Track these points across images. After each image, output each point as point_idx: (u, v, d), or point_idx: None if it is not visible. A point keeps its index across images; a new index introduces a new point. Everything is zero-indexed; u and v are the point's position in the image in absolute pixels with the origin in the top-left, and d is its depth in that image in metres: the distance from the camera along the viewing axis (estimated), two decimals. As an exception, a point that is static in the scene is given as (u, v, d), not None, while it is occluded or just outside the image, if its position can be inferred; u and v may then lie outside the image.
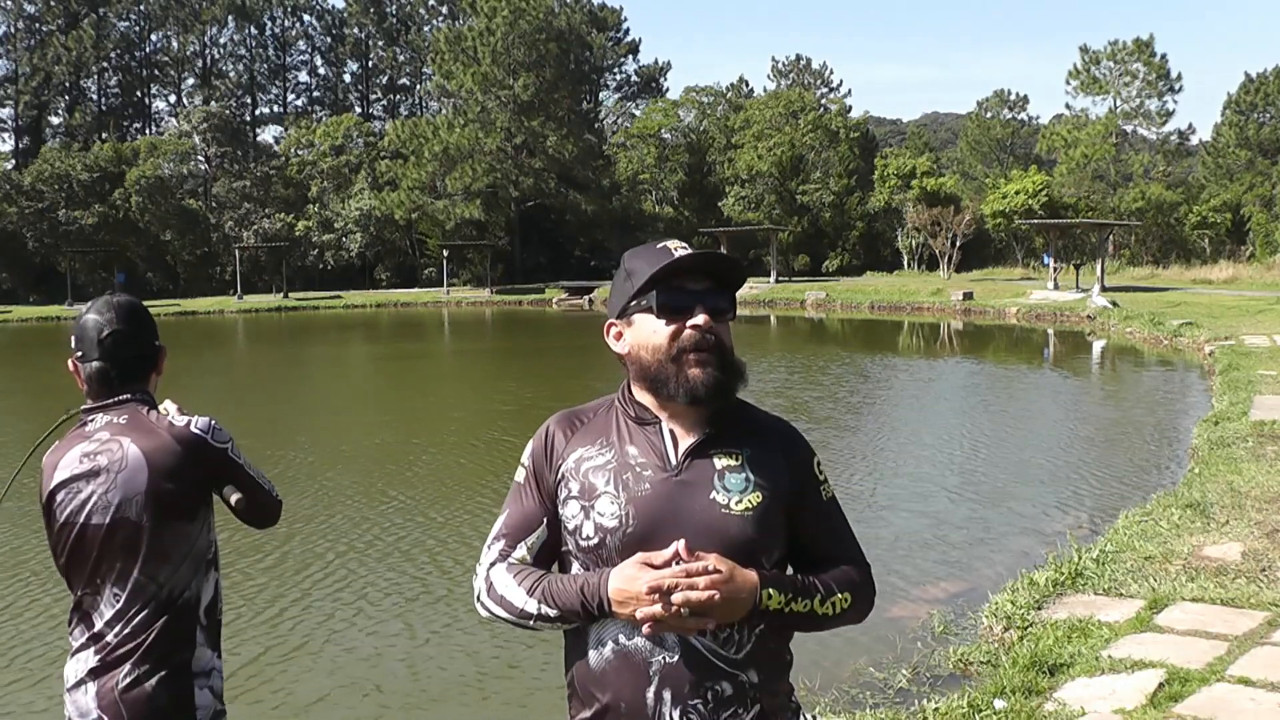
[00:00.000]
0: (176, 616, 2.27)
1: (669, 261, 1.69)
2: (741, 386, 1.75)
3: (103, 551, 2.24)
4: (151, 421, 2.31)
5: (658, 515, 1.67)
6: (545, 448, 1.79)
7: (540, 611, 1.69)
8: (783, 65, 59.90)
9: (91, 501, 2.25)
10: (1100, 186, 46.23)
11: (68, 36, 55.52)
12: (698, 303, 1.70)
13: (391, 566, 7.08)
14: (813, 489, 1.78)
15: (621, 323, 1.77)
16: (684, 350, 1.69)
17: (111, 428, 2.30)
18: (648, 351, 1.72)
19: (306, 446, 11.60)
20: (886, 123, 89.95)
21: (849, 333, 28.82)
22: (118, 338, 2.33)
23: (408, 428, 13.15)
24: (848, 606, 1.73)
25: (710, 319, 1.70)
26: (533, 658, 5.38)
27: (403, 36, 61.05)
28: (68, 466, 2.28)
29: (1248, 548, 5.98)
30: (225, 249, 50.40)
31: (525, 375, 19.30)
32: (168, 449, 2.27)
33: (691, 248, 1.72)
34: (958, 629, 5.48)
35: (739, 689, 1.66)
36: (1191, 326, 20.82)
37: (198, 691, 2.27)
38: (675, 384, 1.69)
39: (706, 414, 1.73)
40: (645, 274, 1.71)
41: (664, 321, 1.70)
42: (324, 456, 11.03)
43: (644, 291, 1.72)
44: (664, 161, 53.49)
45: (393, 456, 11.05)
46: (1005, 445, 11.24)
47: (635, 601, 1.59)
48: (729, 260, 1.74)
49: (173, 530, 2.27)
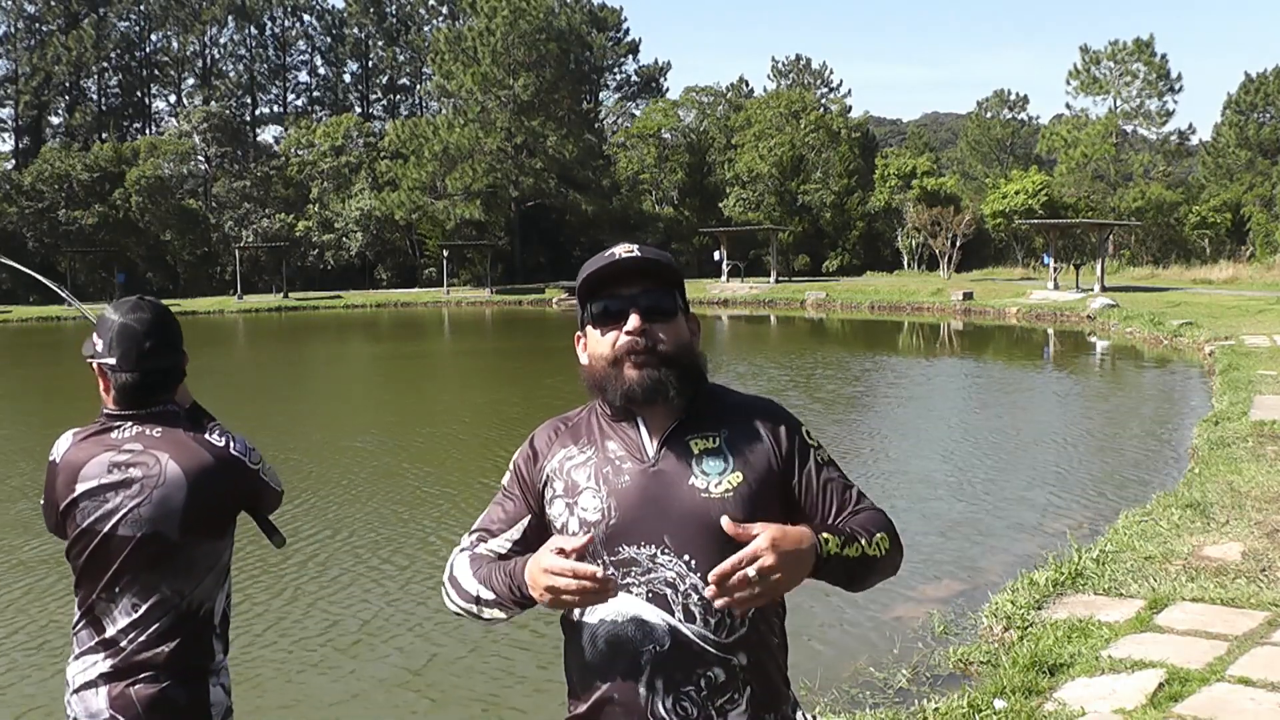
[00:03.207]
0: (197, 628, 2.27)
1: (589, 272, 1.72)
2: (694, 381, 1.74)
3: (126, 563, 2.23)
4: (188, 437, 2.29)
5: (639, 505, 1.69)
6: (530, 452, 1.83)
7: (480, 595, 1.72)
8: (783, 65, 59.90)
9: (120, 513, 2.22)
10: (1100, 186, 46.23)
11: (68, 36, 55.53)
12: (630, 306, 1.71)
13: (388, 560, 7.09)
14: (805, 456, 1.77)
15: (582, 334, 1.80)
16: (620, 355, 1.71)
17: (145, 439, 2.26)
18: (597, 360, 1.75)
19: (303, 448, 11.61)
20: (886, 123, 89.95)
21: (849, 333, 28.81)
22: (158, 349, 2.29)
23: (407, 427, 13.15)
24: (889, 547, 1.72)
25: (644, 320, 1.70)
26: (532, 656, 5.38)
27: (403, 36, 61.05)
28: (94, 475, 2.24)
29: (1248, 548, 5.98)
30: (225, 249, 50.39)
31: (526, 375, 19.29)
32: (207, 468, 2.26)
33: (638, 247, 1.73)
34: (958, 629, 5.48)
35: (730, 673, 1.67)
36: (1191, 326, 20.81)
37: (212, 689, 2.28)
38: (614, 387, 1.72)
39: (677, 404, 1.74)
40: (582, 284, 1.74)
41: (599, 331, 1.74)
42: (325, 454, 11.03)
43: (584, 304, 1.75)
44: (664, 161, 53.50)
45: (395, 456, 11.06)
46: (1005, 445, 11.24)
47: (537, 589, 1.59)
48: (655, 260, 1.74)
49: (203, 547, 2.28)
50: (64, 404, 15.22)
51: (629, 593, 1.67)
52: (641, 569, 1.67)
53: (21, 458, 10.91)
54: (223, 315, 40.64)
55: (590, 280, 1.73)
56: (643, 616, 1.66)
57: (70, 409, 12.49)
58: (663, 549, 1.66)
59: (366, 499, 9.00)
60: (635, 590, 1.67)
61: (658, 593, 1.66)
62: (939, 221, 40.27)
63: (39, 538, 7.35)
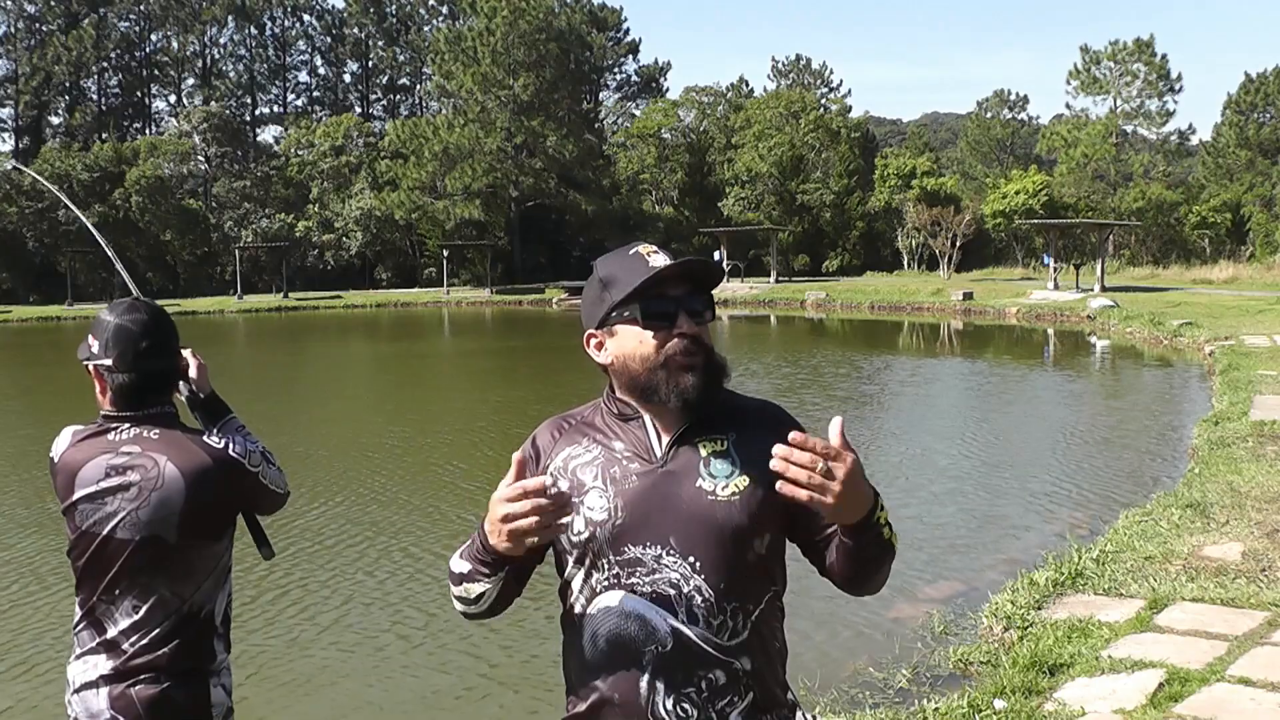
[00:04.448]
0: (198, 630, 2.27)
1: (654, 274, 1.71)
2: (725, 383, 1.77)
3: (126, 565, 2.23)
4: (186, 439, 2.28)
5: (645, 506, 1.68)
6: (532, 451, 1.81)
7: (461, 571, 1.71)
8: (783, 65, 59.91)
9: (119, 516, 2.22)
10: (1100, 186, 46.25)
11: (68, 36, 55.54)
12: (680, 309, 1.71)
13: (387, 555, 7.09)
14: None
15: (602, 333, 1.77)
16: (671, 357, 1.70)
17: (142, 441, 2.26)
18: (636, 362, 1.73)
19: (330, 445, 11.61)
20: (886, 123, 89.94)
21: (849, 333, 28.81)
22: (154, 350, 2.29)
23: (408, 424, 13.15)
24: (893, 538, 1.70)
25: (693, 323, 1.71)
26: (534, 657, 5.38)
27: (403, 36, 61.07)
28: (92, 478, 2.24)
29: (1248, 548, 5.98)
30: (225, 249, 50.39)
31: (526, 375, 19.28)
32: (206, 470, 2.25)
33: (659, 248, 1.74)
34: (958, 629, 5.48)
35: (732, 676, 1.67)
36: (1191, 326, 20.81)
37: (213, 690, 2.28)
38: (667, 390, 1.70)
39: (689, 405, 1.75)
40: (624, 283, 1.72)
41: (650, 332, 1.72)
42: (329, 451, 11.04)
43: (626, 303, 1.73)
44: (664, 161, 53.50)
45: (397, 454, 11.05)
46: (1005, 445, 11.24)
47: (493, 523, 1.58)
48: (707, 265, 1.76)
49: (202, 550, 2.27)
50: (85, 408, 15.20)
51: (633, 593, 1.67)
52: (646, 569, 1.67)
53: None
54: (223, 315, 40.63)
55: (643, 284, 1.71)
56: (646, 616, 1.66)
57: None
58: (668, 550, 1.66)
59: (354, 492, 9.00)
60: (640, 590, 1.67)
61: (661, 593, 1.66)
62: (939, 221, 40.27)
63: (39, 535, 7.35)
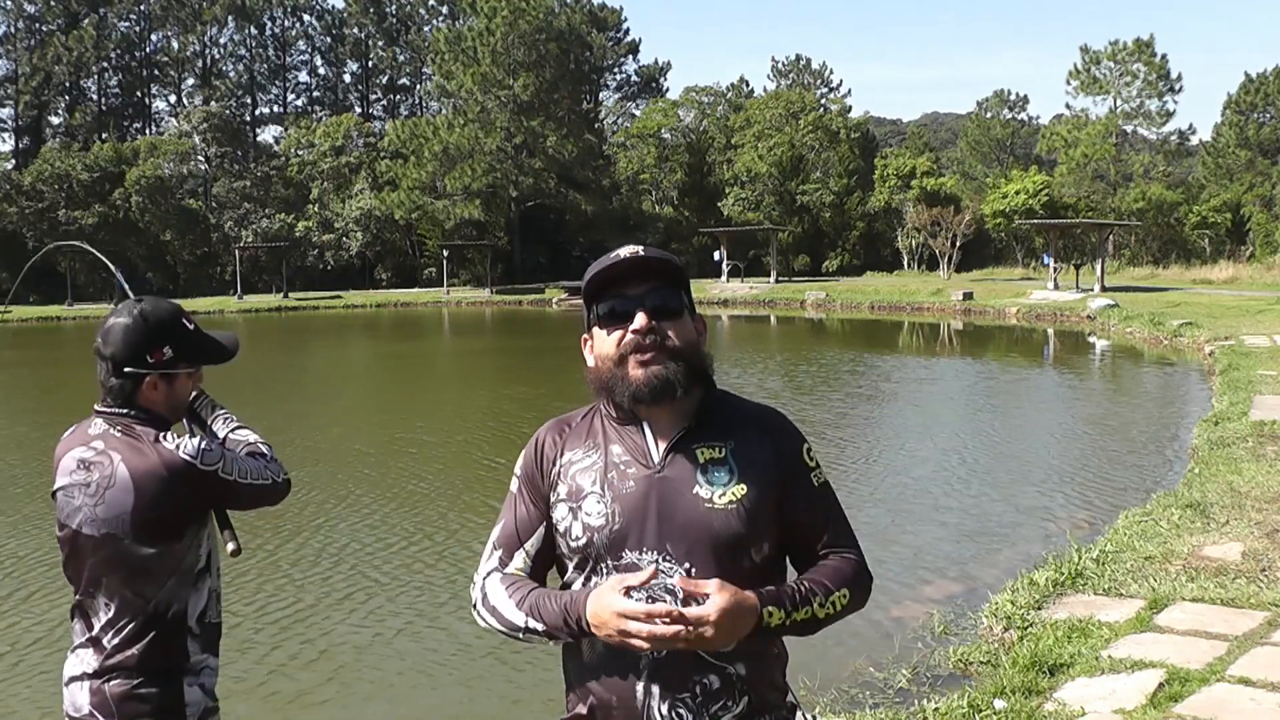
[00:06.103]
0: (166, 630, 2.27)
1: (595, 272, 1.71)
2: (700, 381, 1.74)
3: (94, 562, 2.25)
4: (143, 442, 2.28)
5: (643, 512, 1.68)
6: (536, 455, 1.81)
7: (528, 625, 1.70)
8: (783, 65, 59.90)
9: (82, 512, 2.25)
10: (1100, 186, 46.25)
11: (68, 36, 55.52)
12: (637, 306, 1.70)
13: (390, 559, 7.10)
14: (803, 476, 1.78)
15: (589, 336, 1.79)
16: (625, 355, 1.70)
17: (107, 438, 2.29)
18: (603, 361, 1.73)
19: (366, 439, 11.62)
20: (886, 123, 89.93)
21: (849, 333, 28.80)
22: (125, 350, 2.30)
23: (408, 424, 13.15)
24: (846, 603, 1.73)
25: (651, 319, 1.69)
26: (531, 656, 5.38)
27: (403, 36, 61.06)
28: (67, 470, 2.29)
29: (1248, 548, 5.98)
30: (225, 249, 50.35)
31: (527, 375, 19.27)
32: (154, 474, 2.24)
33: (641, 249, 1.72)
34: (958, 629, 5.48)
35: (727, 681, 1.68)
36: (1191, 326, 20.81)
37: (187, 689, 2.28)
38: (621, 387, 1.70)
39: (683, 409, 1.73)
40: (588, 286, 1.73)
41: (606, 331, 1.72)
42: (329, 451, 11.04)
43: (590, 305, 1.74)
44: (664, 161, 53.51)
45: (399, 454, 11.05)
46: (1005, 445, 11.24)
47: (607, 629, 1.59)
48: (661, 260, 1.73)
49: (158, 551, 2.26)
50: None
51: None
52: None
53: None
54: (223, 315, 40.60)
55: (596, 280, 1.72)
56: None
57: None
58: (664, 556, 1.66)
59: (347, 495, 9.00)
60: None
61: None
62: (939, 221, 40.27)
63: (38, 533, 7.35)
